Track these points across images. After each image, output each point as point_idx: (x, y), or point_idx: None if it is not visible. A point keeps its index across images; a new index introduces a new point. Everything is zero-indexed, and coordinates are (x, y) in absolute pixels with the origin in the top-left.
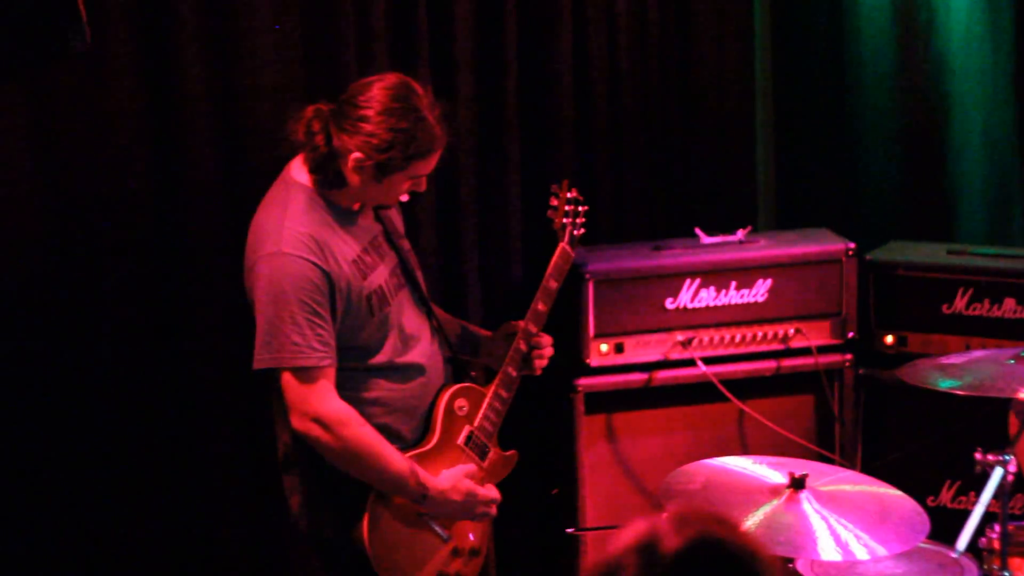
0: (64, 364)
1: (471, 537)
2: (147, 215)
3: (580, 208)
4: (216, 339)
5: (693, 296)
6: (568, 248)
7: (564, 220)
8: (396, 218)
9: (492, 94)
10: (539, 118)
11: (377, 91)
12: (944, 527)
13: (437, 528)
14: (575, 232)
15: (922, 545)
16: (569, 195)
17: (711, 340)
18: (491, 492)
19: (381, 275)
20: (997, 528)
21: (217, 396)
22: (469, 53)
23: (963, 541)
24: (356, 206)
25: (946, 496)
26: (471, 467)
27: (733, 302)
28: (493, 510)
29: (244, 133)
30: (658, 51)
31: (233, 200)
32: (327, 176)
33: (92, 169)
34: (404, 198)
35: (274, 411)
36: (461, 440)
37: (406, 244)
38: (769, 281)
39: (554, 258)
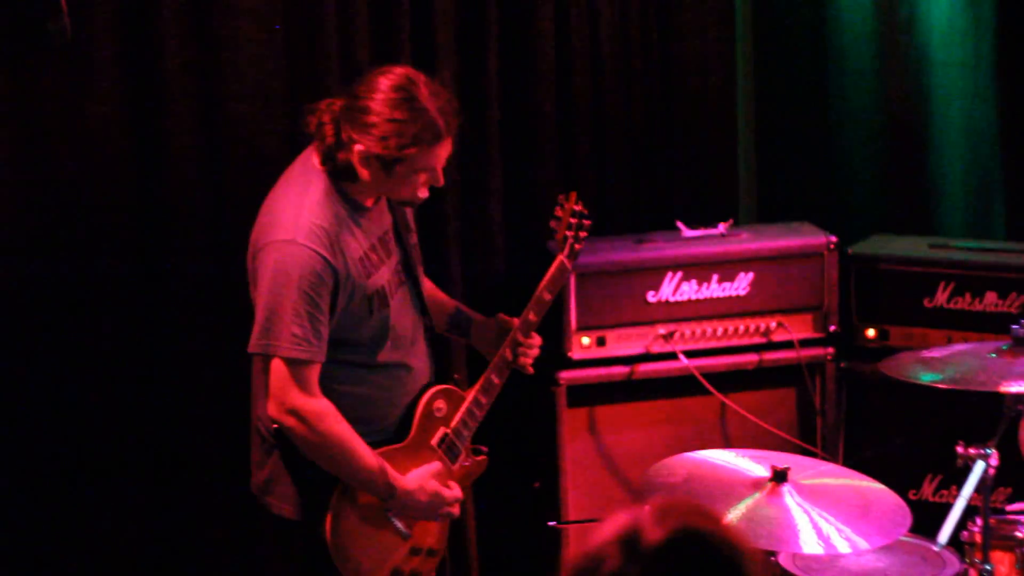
0: (46, 359)
1: (431, 537)
2: (129, 210)
3: (584, 222)
4: (198, 333)
5: (675, 289)
6: (567, 261)
7: (567, 232)
8: (408, 210)
9: (473, 91)
10: (521, 112)
11: (380, 82)
12: (926, 520)
13: (399, 525)
14: (576, 246)
15: (904, 539)
16: (575, 207)
17: (693, 333)
18: (455, 492)
19: (384, 275)
20: (979, 521)
21: (199, 387)
22: (450, 49)
23: (945, 534)
24: (369, 202)
25: (928, 489)
26: (438, 466)
27: (715, 295)
28: (456, 510)
29: (226, 127)
30: (640, 45)
31: (215, 194)
32: (336, 166)
33: (73, 165)
34: (423, 193)
35: (255, 386)
36: (435, 441)
37: (413, 238)
38: (751, 274)
39: (551, 270)
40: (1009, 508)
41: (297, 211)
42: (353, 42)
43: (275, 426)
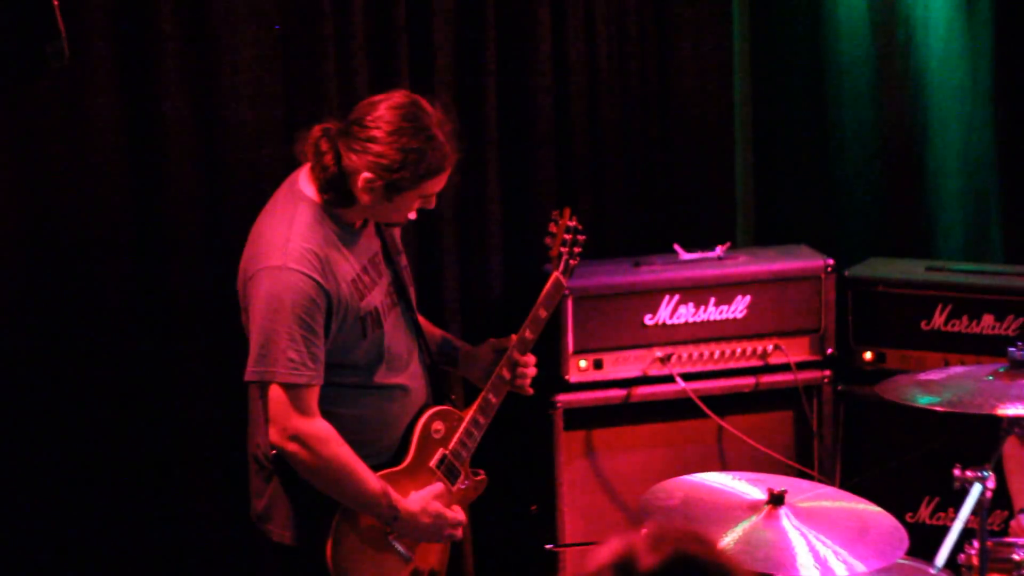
0: (39, 373)
1: (432, 559)
2: (126, 228)
3: (578, 237)
4: (193, 347)
5: (672, 312)
6: (562, 278)
7: (561, 249)
8: (395, 231)
9: (472, 109)
10: (519, 134)
11: (385, 110)
12: (923, 543)
13: (400, 548)
14: (571, 262)
15: (901, 561)
16: (569, 223)
17: (690, 356)
18: (458, 515)
19: (376, 296)
20: (976, 544)
21: (195, 413)
22: (448, 68)
23: (942, 557)
24: (358, 223)
25: (925, 512)
26: (440, 488)
27: (712, 318)
28: (459, 533)
29: (223, 145)
30: (638, 68)
31: (212, 211)
32: (337, 195)
33: (71, 184)
34: (412, 215)
35: (252, 414)
36: (434, 463)
37: (403, 260)
38: (748, 297)
39: (547, 287)
40: None
41: (286, 236)
42: (352, 61)
43: (274, 452)
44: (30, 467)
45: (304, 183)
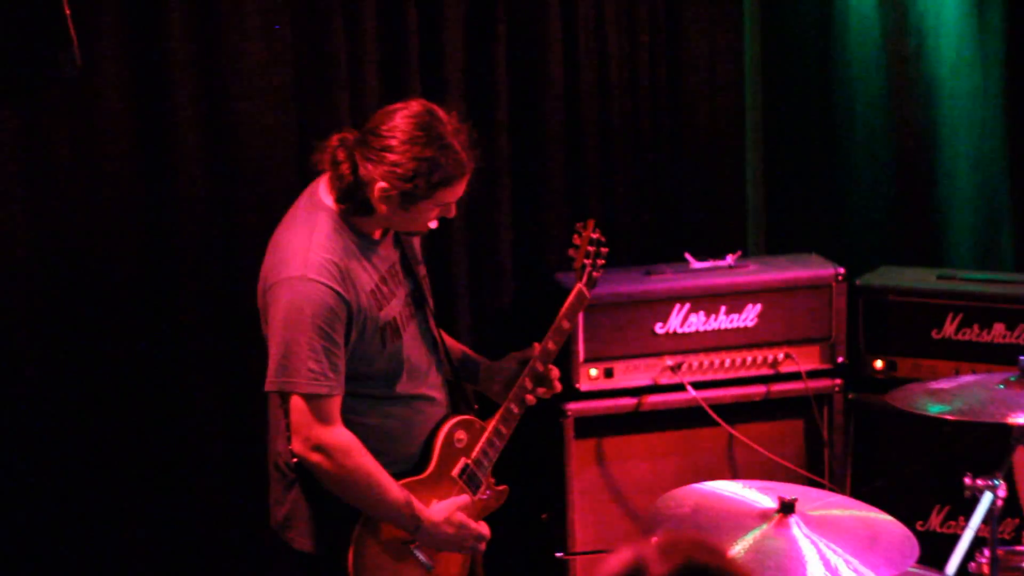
0: (51, 378)
1: (453, 568)
2: (137, 232)
3: (602, 249)
4: (205, 352)
5: (683, 321)
6: (585, 289)
7: (585, 261)
8: (415, 241)
9: (482, 117)
10: (529, 143)
11: (400, 120)
12: (934, 552)
13: (422, 558)
14: (594, 274)
15: (911, 570)
16: (593, 235)
17: (701, 365)
18: (482, 528)
19: (395, 306)
20: (987, 553)
21: (214, 422)
22: (458, 79)
23: (953, 566)
24: (377, 234)
25: (935, 521)
26: (464, 499)
27: (723, 327)
28: (482, 546)
29: (233, 148)
30: (649, 78)
31: (223, 219)
32: (354, 205)
33: (82, 191)
34: (433, 225)
35: (272, 422)
36: (456, 472)
37: (422, 270)
38: (759, 306)
39: (570, 298)
40: None
41: (306, 246)
42: (362, 68)
43: (295, 460)
44: (43, 473)
45: (324, 193)
